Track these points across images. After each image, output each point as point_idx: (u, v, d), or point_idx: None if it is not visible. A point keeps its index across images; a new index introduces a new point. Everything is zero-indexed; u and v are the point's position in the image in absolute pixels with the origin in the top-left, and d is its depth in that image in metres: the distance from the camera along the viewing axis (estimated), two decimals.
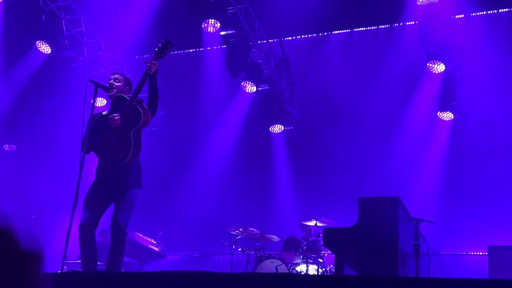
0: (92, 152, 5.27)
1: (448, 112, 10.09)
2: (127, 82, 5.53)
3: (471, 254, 9.75)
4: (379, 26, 11.25)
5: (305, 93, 11.48)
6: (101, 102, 10.38)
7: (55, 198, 10.75)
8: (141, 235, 9.14)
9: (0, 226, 1.25)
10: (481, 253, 9.46)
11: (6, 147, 12.67)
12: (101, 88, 5.26)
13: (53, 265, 9.98)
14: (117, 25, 10.72)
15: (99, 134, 5.19)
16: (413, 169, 10.42)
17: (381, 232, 5.51)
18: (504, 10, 10.33)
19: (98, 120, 5.27)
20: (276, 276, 5.16)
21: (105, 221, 5.43)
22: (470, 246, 9.68)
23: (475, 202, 9.72)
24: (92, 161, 5.48)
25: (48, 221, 10.28)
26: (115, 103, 5.30)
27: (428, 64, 9.48)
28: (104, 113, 5.43)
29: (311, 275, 7.71)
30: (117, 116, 5.13)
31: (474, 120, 10.12)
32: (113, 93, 5.37)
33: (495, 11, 10.36)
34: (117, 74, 5.52)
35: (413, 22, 10.36)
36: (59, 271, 4.74)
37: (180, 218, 11.28)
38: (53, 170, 11.32)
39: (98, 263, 7.51)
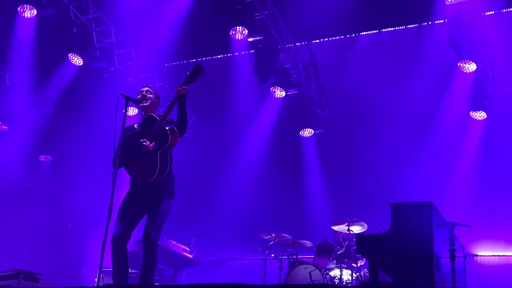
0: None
1: (481, 111, 9.92)
2: (157, 95, 5.68)
3: (506, 256, 9.56)
4: (408, 26, 11.14)
5: (335, 96, 11.44)
6: (132, 111, 10.52)
7: (90, 208, 10.95)
8: (174, 242, 9.23)
9: None
10: None
11: (42, 157, 12.96)
12: (131, 101, 5.35)
13: (89, 273, 10.20)
14: (147, 35, 10.87)
15: (129, 151, 5.32)
16: (447, 170, 10.28)
17: (415, 238, 5.44)
18: None
19: (129, 136, 5.38)
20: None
21: (141, 230, 5.54)
22: (505, 248, 9.49)
23: (510, 204, 9.53)
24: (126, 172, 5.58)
25: (83, 230, 10.48)
26: (146, 122, 5.43)
27: (459, 64, 9.35)
28: (135, 125, 5.54)
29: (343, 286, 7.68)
30: (150, 144, 5.26)
31: (508, 119, 9.92)
32: (147, 104, 5.48)
33: None
34: (147, 87, 5.65)
35: (442, 21, 10.21)
36: (95, 279, 4.84)
37: (213, 223, 11.36)
38: (87, 180, 11.53)
39: (133, 270, 7.66)
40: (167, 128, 5.27)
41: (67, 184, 12.06)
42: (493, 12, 10.12)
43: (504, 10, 10.25)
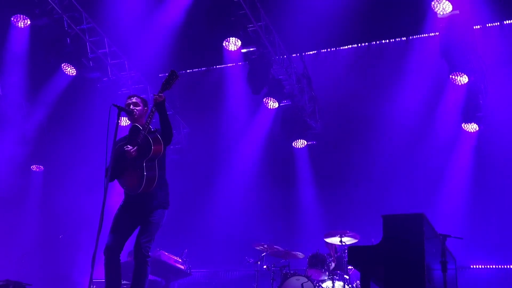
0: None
1: (473, 123, 9.98)
2: (145, 103, 5.68)
3: (499, 268, 9.57)
4: (401, 38, 11.21)
5: (328, 107, 11.47)
6: (125, 121, 10.51)
7: (82, 219, 10.90)
8: (166, 253, 9.18)
9: None
10: (509, 266, 9.30)
11: (34, 167, 12.91)
12: (124, 111, 5.36)
13: (81, 284, 10.12)
14: (140, 45, 10.90)
15: (119, 162, 5.32)
16: (439, 182, 10.31)
17: (407, 250, 5.45)
18: None
19: (120, 147, 5.38)
20: None
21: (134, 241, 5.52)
22: (497, 259, 9.51)
23: (502, 215, 9.56)
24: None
25: (74, 241, 10.42)
26: (132, 133, 5.45)
27: (451, 76, 9.42)
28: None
29: None
30: (131, 148, 5.27)
31: (500, 131, 9.98)
32: (137, 114, 5.48)
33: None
34: (133, 97, 5.64)
35: (434, 34, 10.29)
36: None
37: (205, 234, 11.33)
38: (79, 190, 11.48)
39: (126, 282, 7.60)
40: (149, 137, 5.26)
41: (59, 194, 12.00)
42: (484, 25, 10.22)
43: (495, 24, 10.34)
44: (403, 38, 11.16)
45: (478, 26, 10.03)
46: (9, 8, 9.63)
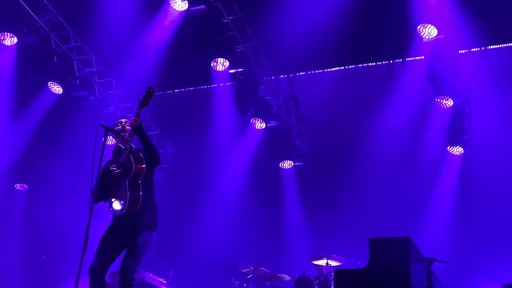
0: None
1: (458, 146, 10.06)
2: None
3: None
4: (387, 61, 11.32)
5: (315, 129, 11.51)
6: (111, 140, 10.43)
7: (66, 239, 10.76)
8: (151, 275, 9.10)
9: None
10: None
11: (18, 186, 12.76)
12: (111, 132, 5.33)
13: None
14: (128, 65, 10.87)
15: (105, 184, 5.28)
16: (425, 204, 10.35)
17: (393, 273, 5.46)
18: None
19: (106, 169, 5.35)
20: None
21: (117, 262, 5.45)
22: (483, 283, 9.51)
23: (486, 238, 9.60)
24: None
25: (59, 261, 10.28)
26: (115, 153, 5.43)
27: (436, 99, 9.52)
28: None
29: None
30: (115, 169, 5.25)
31: (484, 154, 10.06)
32: (126, 136, 5.44)
33: (500, 45, 10.43)
34: (124, 118, 5.62)
35: (420, 57, 10.40)
36: None
37: (191, 256, 11.22)
38: (64, 210, 11.35)
39: None
40: (131, 156, 5.23)
41: (43, 213, 11.86)
42: (469, 50, 10.37)
43: (480, 49, 10.50)
44: (389, 61, 11.27)
45: (463, 51, 10.18)
46: None
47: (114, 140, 9.89)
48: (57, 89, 10.47)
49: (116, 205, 5.27)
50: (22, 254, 11.52)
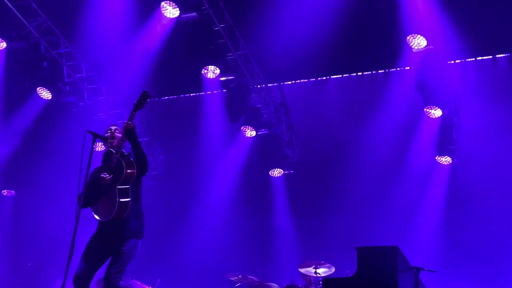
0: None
1: (447, 156, 10.13)
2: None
3: None
4: (378, 71, 11.38)
5: (305, 137, 11.53)
6: (100, 147, 10.39)
7: (52, 246, 10.67)
8: (138, 283, 9.03)
9: None
10: None
11: (5, 192, 12.66)
12: (99, 138, 5.30)
13: None
14: (118, 71, 10.85)
15: (93, 189, 5.24)
16: (413, 213, 10.38)
17: (381, 282, 5.46)
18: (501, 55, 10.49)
19: (94, 174, 5.31)
20: None
21: (102, 270, 5.40)
22: None
23: (474, 248, 9.64)
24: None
25: (44, 269, 10.19)
26: (105, 158, 5.38)
27: (425, 109, 9.58)
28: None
29: None
30: (106, 176, 5.20)
31: (472, 164, 10.13)
32: (115, 143, 5.40)
33: (488, 56, 10.52)
34: (114, 126, 5.59)
35: (409, 68, 10.47)
36: None
37: (179, 263, 11.16)
38: (51, 216, 11.26)
39: None
40: (122, 160, 5.21)
41: (31, 219, 11.76)
42: (458, 60, 10.46)
43: (469, 60, 10.59)
44: (379, 71, 11.33)
45: (452, 62, 10.27)
46: None
47: (103, 146, 9.89)
48: (46, 94, 10.42)
49: (104, 210, 5.21)
50: (8, 261, 11.39)
